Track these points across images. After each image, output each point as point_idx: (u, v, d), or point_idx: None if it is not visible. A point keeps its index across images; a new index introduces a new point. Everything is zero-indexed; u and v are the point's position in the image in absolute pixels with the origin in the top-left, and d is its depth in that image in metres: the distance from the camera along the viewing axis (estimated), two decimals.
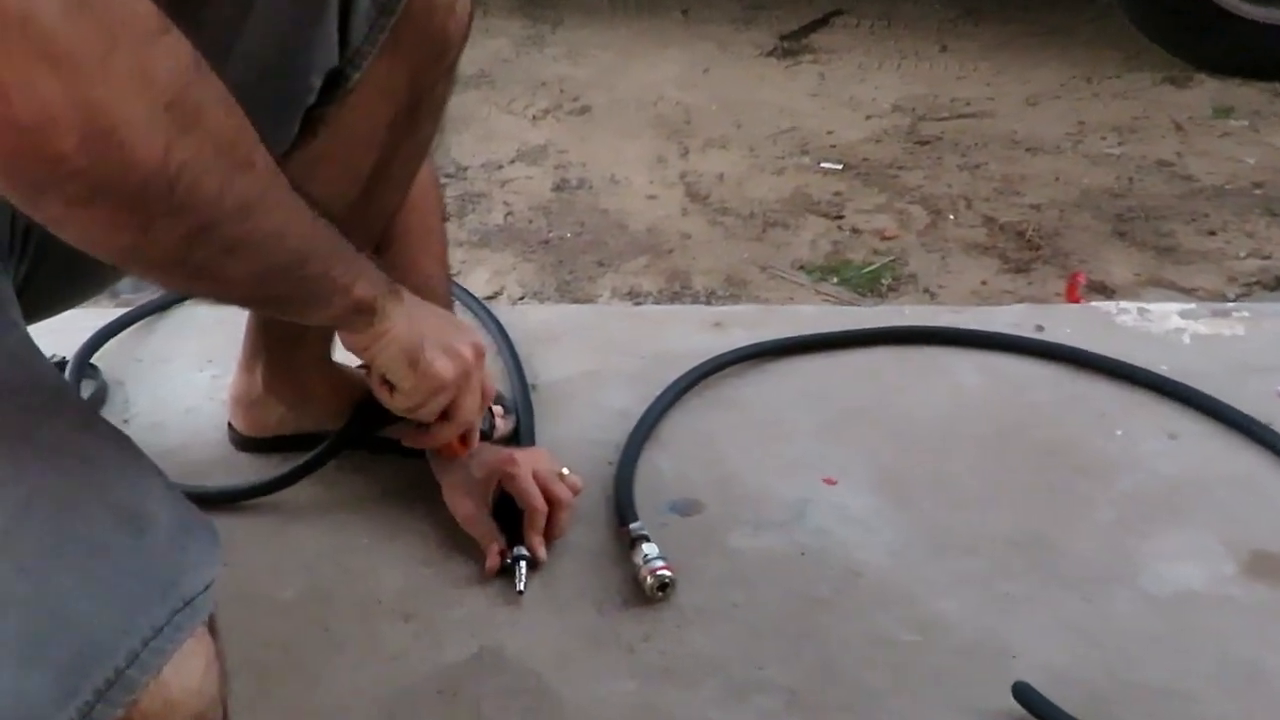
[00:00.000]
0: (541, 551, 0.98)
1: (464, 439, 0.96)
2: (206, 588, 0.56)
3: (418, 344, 0.83)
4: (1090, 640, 0.93)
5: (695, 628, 0.94)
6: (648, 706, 0.88)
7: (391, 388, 0.87)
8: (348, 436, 1.04)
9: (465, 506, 1.00)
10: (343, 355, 1.10)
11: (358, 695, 0.88)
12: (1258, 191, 1.82)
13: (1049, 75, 2.31)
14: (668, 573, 0.95)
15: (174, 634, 0.54)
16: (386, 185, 0.94)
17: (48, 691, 0.50)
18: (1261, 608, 0.95)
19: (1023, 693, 0.86)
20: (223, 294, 0.66)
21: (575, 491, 1.01)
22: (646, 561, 0.96)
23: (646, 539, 0.98)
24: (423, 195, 1.00)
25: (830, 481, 1.10)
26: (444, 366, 0.85)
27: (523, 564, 0.97)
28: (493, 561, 0.98)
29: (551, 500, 0.99)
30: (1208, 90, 2.19)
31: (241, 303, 0.73)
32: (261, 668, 0.89)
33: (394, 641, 0.93)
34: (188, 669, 0.55)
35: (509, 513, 0.99)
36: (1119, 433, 1.15)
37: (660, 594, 0.96)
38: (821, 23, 2.69)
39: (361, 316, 0.76)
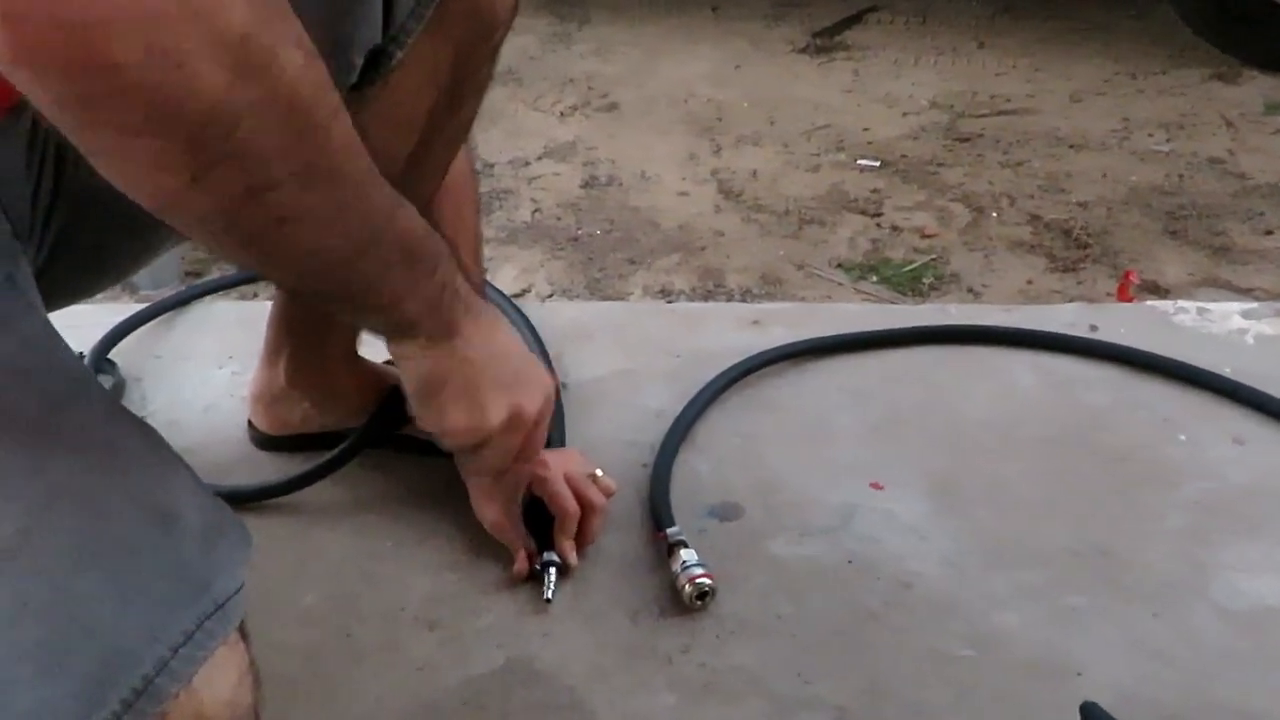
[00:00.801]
0: (572, 557, 0.93)
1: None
2: (238, 590, 0.53)
3: (442, 382, 0.78)
4: (1161, 657, 0.87)
5: (737, 640, 0.89)
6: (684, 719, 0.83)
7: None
8: (371, 434, 0.99)
9: (493, 510, 0.94)
10: (370, 350, 1.07)
11: (380, 707, 0.84)
12: None
13: (1091, 72, 2.26)
14: (707, 581, 0.90)
15: (205, 640, 0.50)
16: (424, 169, 0.90)
17: (70, 703, 0.47)
18: None
19: (1091, 714, 0.80)
20: (268, 267, 0.62)
21: (608, 494, 0.97)
22: (685, 569, 0.91)
23: (684, 545, 0.93)
24: (459, 185, 0.96)
25: (878, 486, 1.05)
26: (475, 418, 0.81)
27: (552, 570, 0.92)
28: (521, 566, 0.93)
29: (584, 504, 0.94)
30: (1259, 86, 2.13)
31: (283, 283, 0.69)
32: (280, 677, 0.84)
33: (419, 651, 0.88)
34: (220, 678, 0.52)
35: (539, 517, 0.94)
36: (1182, 438, 1.09)
37: (699, 603, 0.90)
38: (855, 19, 2.64)
39: (404, 335, 0.73)
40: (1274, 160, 1.86)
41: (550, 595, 0.91)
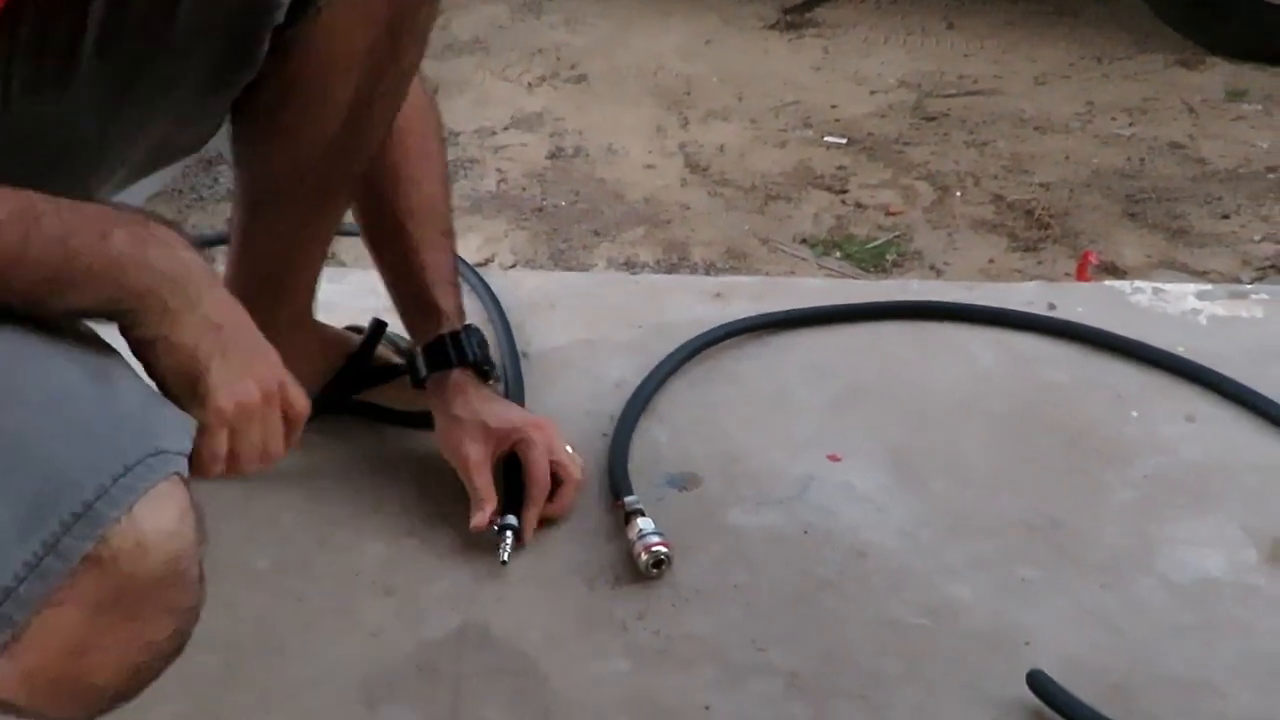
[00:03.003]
0: (530, 530, 0.93)
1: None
2: (180, 449, 0.56)
3: (204, 358, 0.65)
4: (1109, 628, 0.89)
5: (692, 607, 0.90)
6: (641, 689, 0.83)
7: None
8: (327, 400, 0.98)
9: (472, 452, 0.93)
10: (325, 314, 1.06)
11: (333, 671, 0.84)
12: (1271, 175, 1.79)
13: (1058, 55, 2.28)
14: (664, 549, 0.91)
15: (145, 474, 0.54)
16: (370, 117, 0.88)
17: (10, 524, 0.51)
18: None
19: (1038, 682, 0.81)
20: None
21: (576, 479, 0.96)
22: (641, 537, 0.92)
23: (642, 513, 0.94)
24: (420, 117, 0.96)
25: (835, 458, 1.05)
26: (227, 398, 0.66)
27: (509, 534, 0.92)
28: (480, 521, 0.92)
29: (564, 476, 0.94)
30: (1220, 73, 2.16)
31: None
32: (232, 640, 0.84)
33: (373, 615, 0.88)
34: (161, 511, 0.55)
35: (510, 478, 0.94)
36: (1135, 414, 1.11)
37: (655, 571, 0.91)
38: None
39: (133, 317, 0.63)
40: (1233, 146, 1.89)
41: (505, 558, 0.91)
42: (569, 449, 0.97)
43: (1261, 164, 1.82)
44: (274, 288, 1.00)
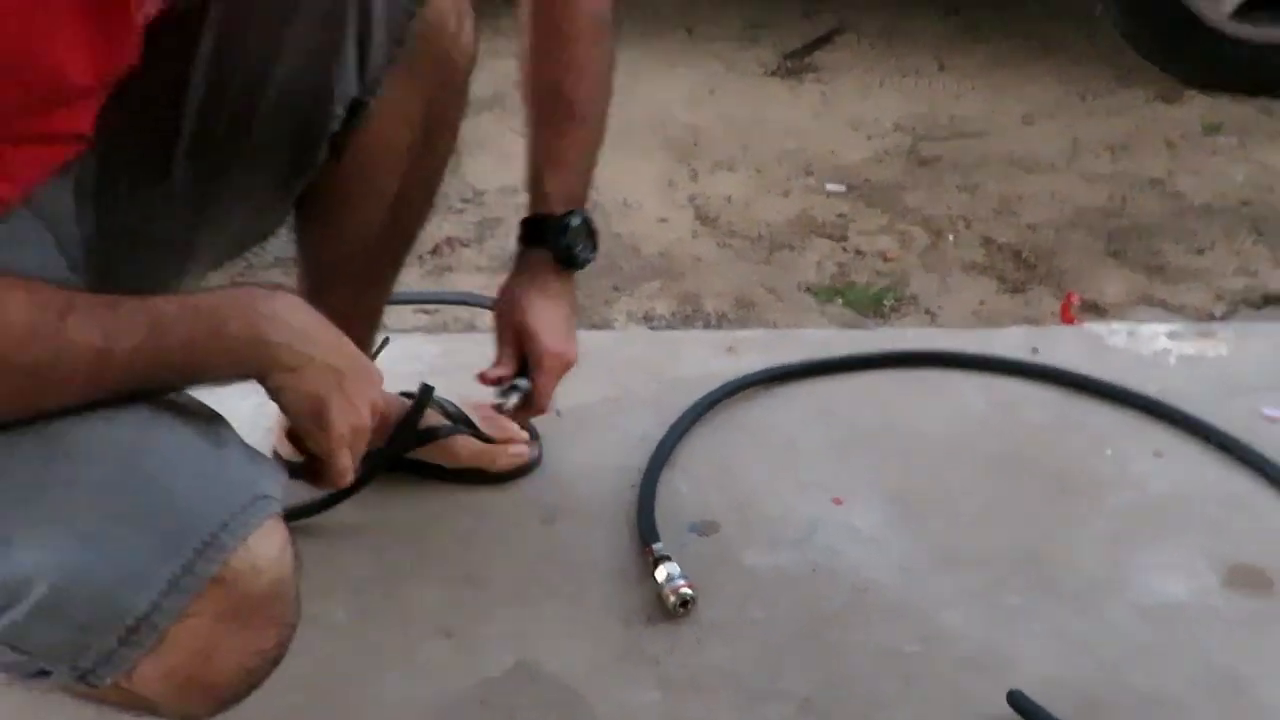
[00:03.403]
0: (548, 405, 1.07)
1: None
2: (278, 493, 0.71)
3: (324, 397, 0.77)
4: (1082, 650, 1.00)
5: (714, 641, 1.02)
6: (671, 715, 0.95)
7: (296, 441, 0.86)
8: (386, 458, 1.10)
9: (504, 326, 1.05)
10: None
11: (406, 707, 0.96)
12: (1244, 209, 1.87)
13: (1044, 93, 2.37)
14: (688, 590, 1.03)
15: (255, 512, 0.68)
16: (411, 203, 1.02)
17: (157, 550, 0.65)
18: (1241, 618, 1.02)
19: (1017, 700, 0.93)
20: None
21: (571, 361, 1.08)
22: (669, 580, 1.04)
23: (668, 559, 1.06)
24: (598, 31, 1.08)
25: (838, 501, 1.18)
26: (344, 425, 0.79)
27: (516, 395, 1.04)
28: (494, 374, 1.04)
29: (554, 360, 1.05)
30: (1198, 107, 2.24)
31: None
32: (314, 685, 0.97)
33: (436, 655, 1.01)
34: (269, 541, 0.69)
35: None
36: (1109, 452, 1.23)
37: (682, 610, 1.03)
38: (824, 40, 2.75)
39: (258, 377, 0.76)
40: (1208, 180, 1.98)
41: (509, 407, 1.04)
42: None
43: (1236, 197, 1.91)
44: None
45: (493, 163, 2.17)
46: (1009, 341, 1.41)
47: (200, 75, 0.87)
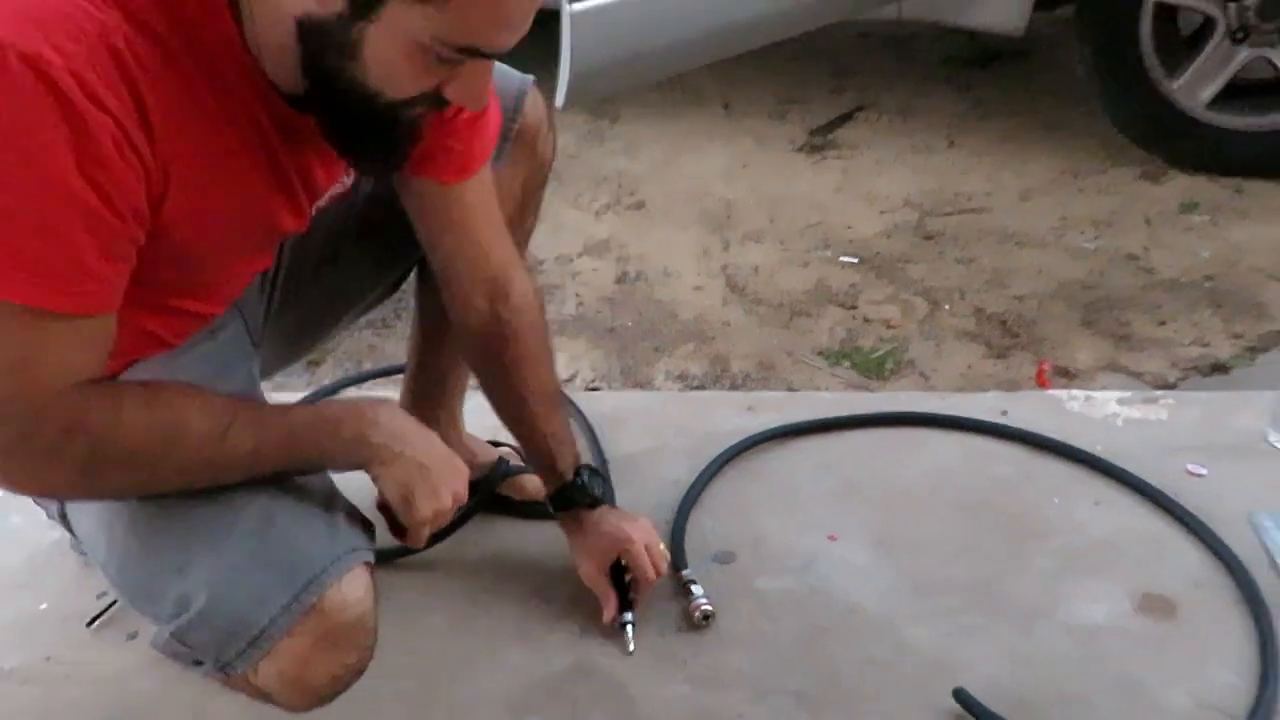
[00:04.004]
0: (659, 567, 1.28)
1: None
2: (366, 548, 0.99)
3: (411, 485, 1.01)
4: (1018, 660, 1.26)
5: (731, 648, 1.29)
6: (697, 704, 1.23)
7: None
8: (484, 499, 1.39)
9: (588, 568, 1.29)
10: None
11: (490, 695, 1.25)
12: (1207, 284, 2.12)
13: (1042, 170, 2.62)
14: (710, 607, 1.30)
15: (348, 559, 0.96)
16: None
17: (278, 584, 0.91)
18: (1147, 636, 1.28)
19: (961, 696, 1.20)
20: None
21: (664, 568, 1.30)
22: (694, 599, 1.32)
23: (694, 582, 1.34)
24: (534, 317, 1.25)
25: (833, 538, 1.46)
26: (427, 510, 1.02)
27: (629, 628, 1.27)
28: (609, 616, 1.28)
29: (657, 568, 1.28)
30: (1178, 186, 2.48)
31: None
32: (422, 676, 1.27)
33: (514, 657, 1.30)
34: (356, 582, 0.95)
35: (621, 574, 1.29)
36: (1056, 501, 1.49)
37: (705, 623, 1.31)
38: (847, 117, 3.04)
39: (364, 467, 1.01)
40: (1179, 256, 2.22)
41: (632, 649, 1.26)
42: (661, 546, 1.29)
43: (1200, 273, 2.15)
44: (437, 394, 1.46)
45: (548, 232, 2.47)
46: (983, 405, 1.68)
47: (350, 212, 1.20)
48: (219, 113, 0.87)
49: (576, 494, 1.28)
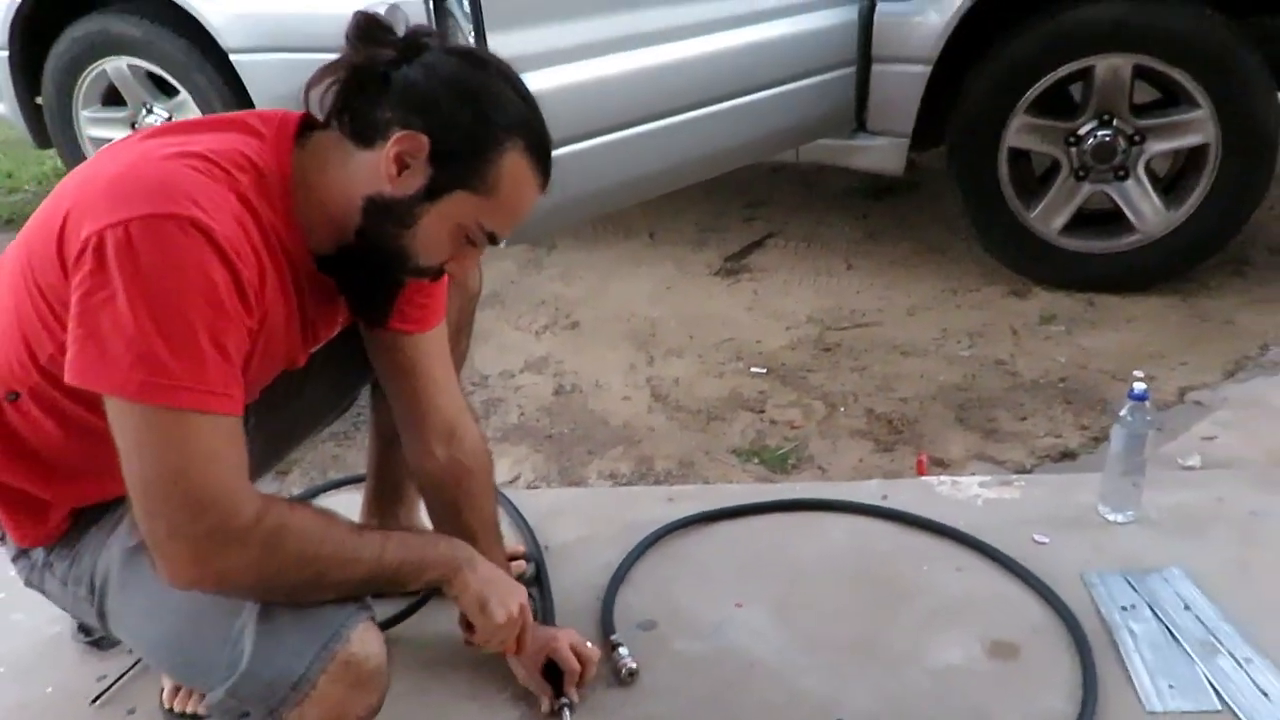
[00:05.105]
0: (575, 696, 1.47)
1: (519, 644, 1.43)
2: (368, 611, 1.20)
3: (485, 597, 1.31)
4: (890, 698, 1.51)
5: (651, 699, 1.52)
6: None
7: (470, 628, 1.37)
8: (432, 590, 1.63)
9: (523, 669, 1.49)
10: None
11: None
12: (1061, 384, 2.46)
13: (926, 289, 2.99)
14: (633, 665, 1.54)
15: (360, 615, 1.18)
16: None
17: (310, 636, 1.12)
18: (994, 674, 1.55)
19: None
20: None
21: (595, 659, 1.49)
22: (621, 659, 1.56)
23: (621, 644, 1.58)
24: (480, 461, 1.48)
25: (739, 605, 1.72)
26: (502, 615, 1.33)
27: (567, 710, 1.45)
28: (546, 707, 1.46)
29: (582, 661, 1.48)
30: (1039, 301, 2.86)
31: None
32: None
33: (470, 712, 1.52)
34: (371, 636, 1.17)
35: (553, 671, 1.48)
36: (925, 568, 1.78)
37: (630, 679, 1.54)
38: (758, 244, 3.40)
39: (451, 578, 1.30)
40: (1040, 360, 2.56)
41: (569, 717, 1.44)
42: (588, 644, 1.50)
43: (1056, 375, 2.50)
44: (395, 497, 1.74)
45: (493, 351, 2.77)
46: (867, 491, 1.98)
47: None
48: (285, 273, 1.15)
49: None
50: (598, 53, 2.34)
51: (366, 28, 1.13)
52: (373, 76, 1.12)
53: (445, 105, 1.11)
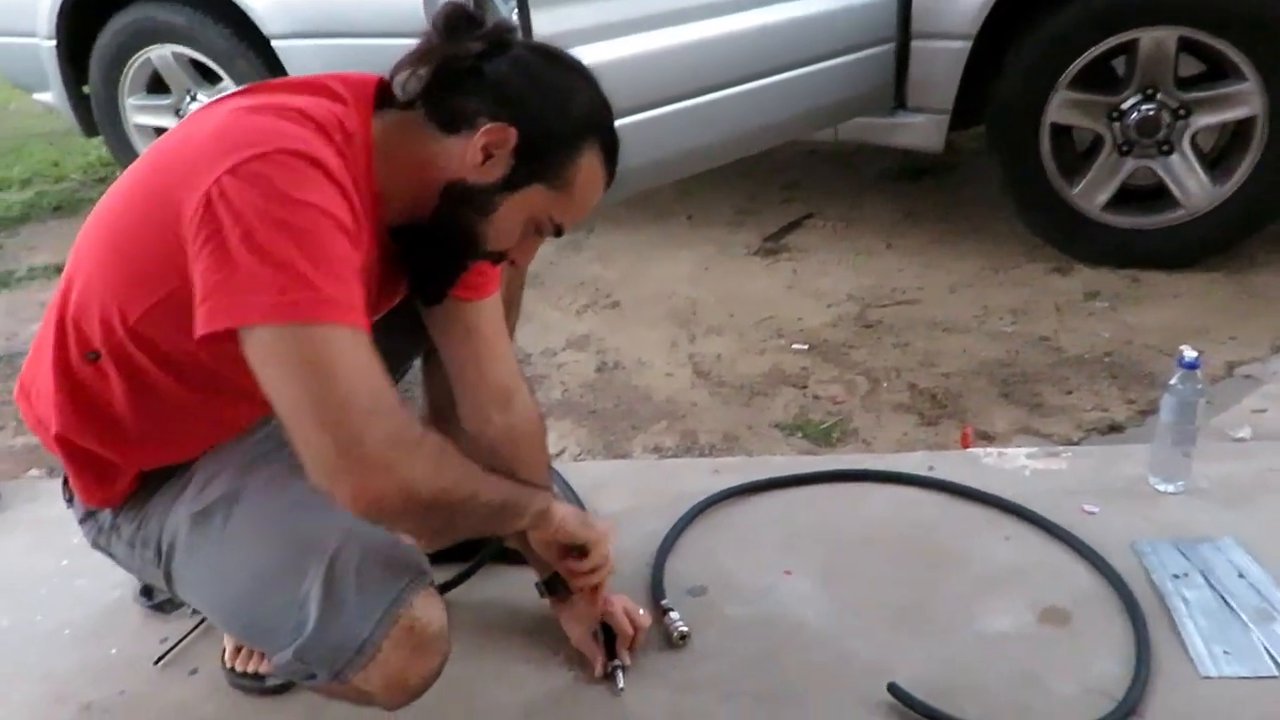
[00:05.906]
0: (628, 659, 1.50)
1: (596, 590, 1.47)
2: (429, 574, 1.23)
3: (578, 513, 1.38)
4: (939, 662, 1.52)
5: (703, 661, 1.54)
6: (675, 707, 1.48)
7: (578, 554, 1.40)
8: (488, 554, 1.67)
9: (577, 631, 1.52)
10: None
11: (500, 701, 1.50)
12: (1107, 359, 2.44)
13: (967, 267, 2.98)
14: (685, 628, 1.56)
15: (423, 580, 1.21)
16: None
17: (373, 601, 1.16)
18: (1045, 641, 1.55)
19: (894, 688, 1.46)
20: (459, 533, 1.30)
21: (646, 624, 1.53)
22: (673, 622, 1.58)
23: (672, 609, 1.60)
24: (534, 428, 1.51)
25: (788, 573, 1.73)
26: (602, 524, 1.41)
27: (619, 672, 1.48)
28: (599, 669, 1.49)
29: (635, 625, 1.51)
30: (1082, 277, 2.84)
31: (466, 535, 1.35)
32: (439, 689, 1.50)
33: (523, 674, 1.54)
34: (434, 601, 1.22)
35: (607, 635, 1.51)
36: (973, 537, 1.78)
37: (682, 642, 1.56)
38: (796, 224, 3.40)
39: (543, 519, 1.33)
40: (1084, 337, 2.55)
41: (622, 687, 1.46)
42: (641, 611, 1.52)
43: (1101, 351, 2.48)
44: None
45: (535, 330, 2.79)
46: (912, 462, 1.98)
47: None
48: (373, 229, 1.17)
49: (562, 584, 1.52)
50: (637, 29, 2.35)
51: (455, 19, 1.16)
52: (465, 68, 1.15)
53: (533, 101, 1.16)
